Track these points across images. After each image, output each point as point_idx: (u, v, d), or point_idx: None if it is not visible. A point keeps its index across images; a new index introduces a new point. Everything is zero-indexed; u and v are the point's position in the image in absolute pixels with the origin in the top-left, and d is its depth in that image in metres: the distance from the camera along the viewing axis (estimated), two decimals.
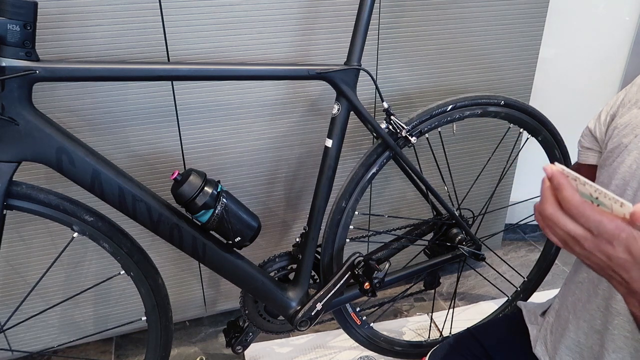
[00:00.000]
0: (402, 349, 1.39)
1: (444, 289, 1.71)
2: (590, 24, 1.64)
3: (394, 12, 1.25)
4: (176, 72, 0.92)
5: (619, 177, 0.75)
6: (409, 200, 1.54)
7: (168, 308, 1.09)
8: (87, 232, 0.95)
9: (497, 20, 1.36)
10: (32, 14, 0.78)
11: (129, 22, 1.07)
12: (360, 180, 1.13)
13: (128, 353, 1.46)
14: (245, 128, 1.26)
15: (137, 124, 1.18)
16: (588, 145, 0.90)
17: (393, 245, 1.28)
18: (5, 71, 0.79)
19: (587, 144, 0.90)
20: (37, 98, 0.92)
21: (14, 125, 0.82)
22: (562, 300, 0.87)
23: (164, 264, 1.36)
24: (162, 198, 0.98)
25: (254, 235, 1.03)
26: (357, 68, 1.02)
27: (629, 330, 0.73)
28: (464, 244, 1.28)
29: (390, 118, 1.10)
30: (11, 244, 1.21)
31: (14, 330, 1.29)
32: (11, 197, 0.88)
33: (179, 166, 1.25)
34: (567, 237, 0.54)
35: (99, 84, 1.11)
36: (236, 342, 1.24)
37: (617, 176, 0.75)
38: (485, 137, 1.52)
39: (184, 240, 0.99)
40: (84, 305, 1.36)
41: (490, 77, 1.44)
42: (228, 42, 1.15)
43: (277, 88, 1.24)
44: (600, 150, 0.87)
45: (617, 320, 0.74)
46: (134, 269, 1.02)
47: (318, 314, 1.15)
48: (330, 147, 1.06)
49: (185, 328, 1.54)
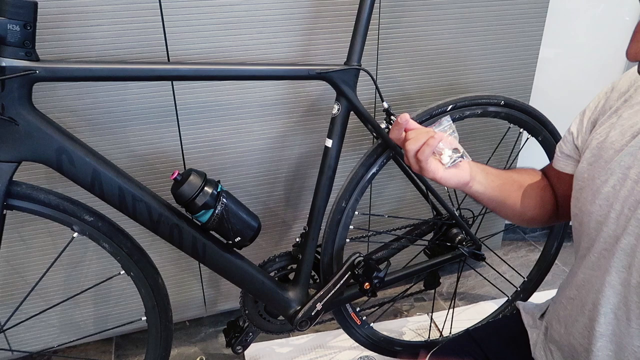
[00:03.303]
0: (402, 349, 1.39)
1: (444, 289, 1.71)
2: (590, 24, 1.64)
3: (394, 12, 1.25)
4: (176, 72, 0.92)
5: (603, 197, 0.71)
6: (409, 200, 1.54)
7: (168, 308, 1.09)
8: (87, 232, 0.95)
9: (497, 20, 1.36)
10: (32, 14, 0.78)
11: (129, 22, 1.07)
12: (360, 180, 1.13)
13: (128, 353, 1.46)
14: (245, 128, 1.26)
15: (137, 124, 1.18)
16: (569, 153, 0.83)
17: (393, 245, 1.28)
18: (5, 71, 0.79)
19: (567, 150, 0.83)
20: (37, 98, 0.92)
21: (14, 125, 0.82)
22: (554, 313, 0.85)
23: (164, 264, 1.36)
24: (162, 198, 0.98)
25: (254, 235, 1.03)
26: (357, 68, 1.02)
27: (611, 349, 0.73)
28: (464, 244, 1.28)
29: (390, 118, 1.10)
30: (11, 244, 1.21)
31: (14, 330, 1.29)
32: (11, 197, 0.88)
33: (179, 166, 1.25)
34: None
35: (99, 84, 1.11)
36: (236, 342, 1.24)
37: (600, 196, 0.71)
38: (485, 137, 1.52)
39: (184, 240, 0.99)
40: (84, 305, 1.36)
41: (490, 77, 1.44)
42: (228, 42, 1.15)
43: (277, 88, 1.24)
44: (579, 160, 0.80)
45: (600, 342, 0.73)
46: (134, 269, 1.02)
47: (318, 314, 1.15)
48: (330, 147, 1.06)
49: (185, 328, 1.54)
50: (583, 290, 0.77)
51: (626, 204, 0.67)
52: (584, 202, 0.75)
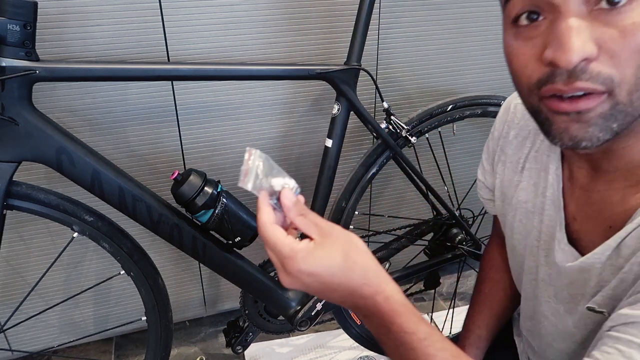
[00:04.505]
0: None
1: (444, 289, 1.71)
2: None
3: (394, 12, 1.25)
4: (176, 72, 0.92)
5: (517, 231, 0.72)
6: (409, 200, 1.54)
7: (168, 308, 1.09)
8: (87, 232, 0.95)
9: (497, 20, 1.35)
10: (32, 14, 0.78)
11: (129, 22, 1.07)
12: (360, 180, 1.13)
13: (128, 353, 1.46)
14: (245, 128, 1.26)
15: (137, 124, 1.18)
16: (488, 197, 0.83)
17: (393, 245, 1.28)
18: (5, 71, 0.79)
19: (486, 195, 0.83)
20: (37, 98, 0.92)
21: (14, 125, 0.82)
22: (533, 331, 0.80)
23: (164, 264, 1.36)
24: (162, 198, 0.98)
25: (254, 235, 1.03)
26: (357, 68, 1.02)
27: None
28: (464, 244, 1.28)
29: (390, 118, 1.10)
30: (11, 244, 1.21)
31: (14, 330, 1.29)
32: (11, 197, 0.88)
33: (179, 166, 1.25)
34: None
35: (99, 84, 1.11)
36: (236, 342, 1.24)
37: (515, 231, 0.73)
38: (485, 137, 1.52)
39: (184, 240, 0.99)
40: (84, 305, 1.36)
41: (490, 77, 1.44)
42: (228, 42, 1.15)
43: (277, 88, 1.24)
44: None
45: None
46: (134, 269, 1.02)
47: (318, 314, 1.15)
48: (330, 147, 1.06)
49: (185, 328, 1.54)
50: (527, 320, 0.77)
51: (533, 235, 0.69)
52: (508, 237, 0.76)
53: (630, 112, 0.47)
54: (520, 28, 0.51)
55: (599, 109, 0.47)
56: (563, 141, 0.50)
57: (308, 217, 0.54)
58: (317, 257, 0.51)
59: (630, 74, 0.45)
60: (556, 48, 0.46)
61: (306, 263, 0.51)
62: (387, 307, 0.52)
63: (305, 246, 0.52)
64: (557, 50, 0.46)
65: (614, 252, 0.56)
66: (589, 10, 0.45)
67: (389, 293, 0.52)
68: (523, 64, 0.51)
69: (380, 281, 0.53)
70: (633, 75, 0.45)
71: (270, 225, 0.53)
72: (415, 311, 0.53)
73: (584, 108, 0.47)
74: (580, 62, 0.45)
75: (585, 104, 0.47)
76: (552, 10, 0.47)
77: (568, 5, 0.45)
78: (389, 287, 0.53)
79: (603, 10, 0.45)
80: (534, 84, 0.50)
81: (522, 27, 0.50)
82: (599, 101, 0.46)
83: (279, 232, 0.53)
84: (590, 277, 0.59)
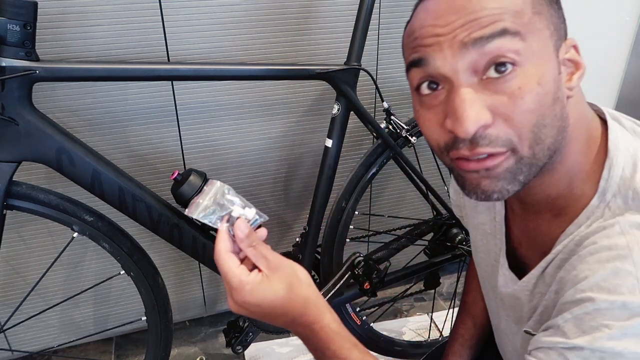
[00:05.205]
0: (402, 349, 1.39)
1: (444, 289, 1.71)
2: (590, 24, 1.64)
3: (394, 12, 1.25)
4: (176, 72, 0.92)
5: (479, 250, 0.74)
6: (409, 200, 1.54)
7: (168, 308, 1.09)
8: (87, 232, 0.95)
9: None
10: (32, 14, 0.78)
11: (129, 22, 1.07)
12: (360, 180, 1.13)
13: (128, 353, 1.46)
14: (245, 128, 1.26)
15: (137, 124, 1.18)
16: (459, 214, 0.85)
17: (393, 245, 1.28)
18: (5, 71, 0.79)
19: (457, 212, 0.85)
20: (37, 98, 0.92)
21: (14, 125, 0.82)
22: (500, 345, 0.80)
23: (164, 264, 1.36)
24: (162, 198, 0.98)
25: None
26: (357, 68, 1.02)
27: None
28: (464, 244, 1.28)
29: (390, 118, 1.10)
30: (11, 244, 1.21)
31: (14, 330, 1.29)
32: (11, 197, 0.88)
33: (179, 166, 1.25)
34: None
35: (99, 84, 1.11)
36: (236, 342, 1.24)
37: (478, 250, 0.75)
38: None
39: (184, 240, 0.99)
40: (84, 305, 1.36)
41: None
42: (228, 42, 1.15)
43: (277, 88, 1.24)
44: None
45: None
46: (134, 269, 1.02)
47: None
48: (330, 147, 1.06)
49: (185, 328, 1.54)
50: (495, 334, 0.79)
51: (492, 256, 0.70)
52: (474, 254, 0.78)
53: (535, 162, 0.50)
54: (422, 97, 0.53)
55: (505, 164, 0.50)
56: (477, 195, 0.52)
57: (258, 249, 0.58)
58: (262, 290, 0.56)
59: (527, 131, 0.48)
60: (454, 120, 0.49)
61: (252, 296, 0.56)
62: (322, 335, 0.59)
63: (253, 279, 0.56)
64: (454, 122, 0.48)
65: (539, 280, 0.59)
66: (479, 80, 0.48)
67: (326, 323, 0.59)
68: (430, 129, 0.53)
69: (319, 311, 0.59)
70: (530, 132, 0.48)
71: (225, 254, 0.58)
72: (350, 338, 0.59)
73: (491, 165, 0.50)
74: (477, 130, 0.47)
75: (492, 161, 0.50)
76: (446, 81, 0.50)
77: (459, 78, 0.48)
78: (327, 317, 0.59)
79: (491, 79, 0.48)
80: (443, 147, 0.53)
81: (424, 96, 0.53)
82: (504, 158, 0.49)
83: (232, 262, 0.57)
84: (523, 303, 0.63)
